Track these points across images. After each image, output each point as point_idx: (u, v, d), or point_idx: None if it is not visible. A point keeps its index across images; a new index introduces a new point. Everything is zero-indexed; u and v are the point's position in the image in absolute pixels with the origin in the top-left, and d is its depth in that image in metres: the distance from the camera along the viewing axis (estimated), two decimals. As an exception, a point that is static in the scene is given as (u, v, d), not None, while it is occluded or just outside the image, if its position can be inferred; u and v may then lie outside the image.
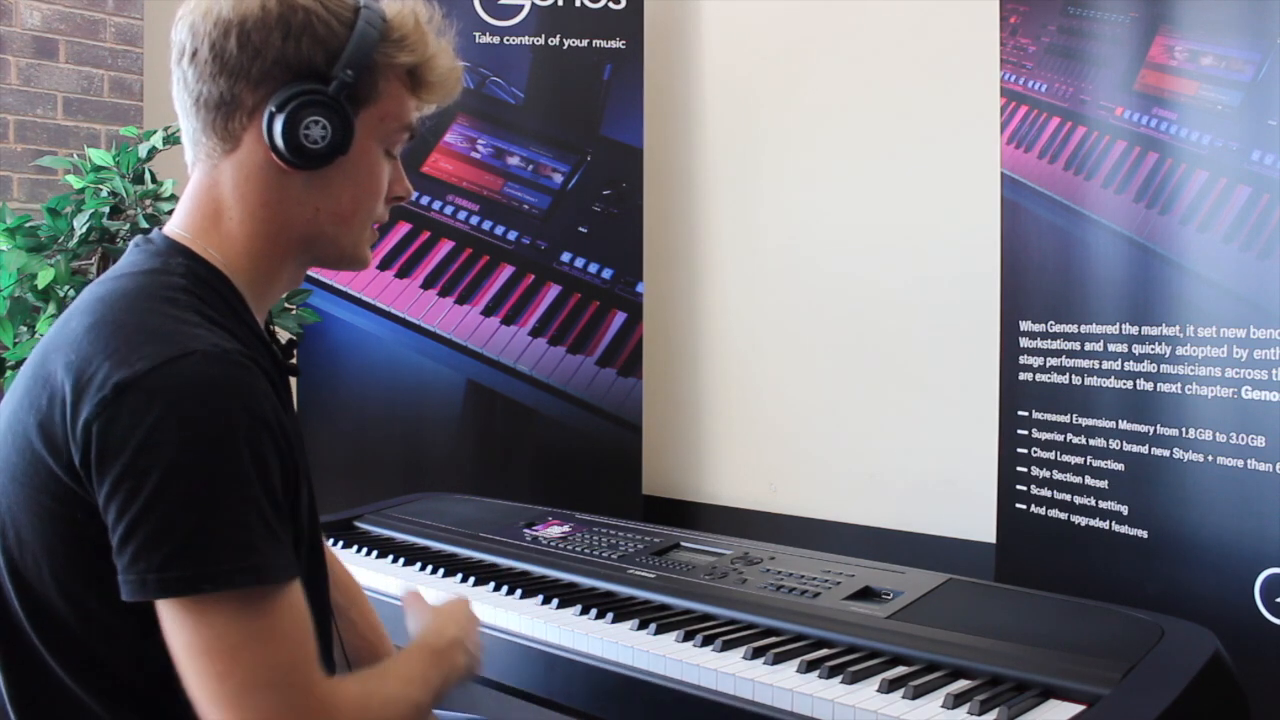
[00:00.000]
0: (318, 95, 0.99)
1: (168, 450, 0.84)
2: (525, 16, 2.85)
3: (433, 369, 2.76)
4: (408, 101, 1.07)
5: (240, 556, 0.85)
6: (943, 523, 2.41)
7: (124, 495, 0.85)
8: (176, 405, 0.85)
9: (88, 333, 0.91)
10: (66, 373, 0.89)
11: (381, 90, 1.04)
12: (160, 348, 0.87)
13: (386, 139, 1.06)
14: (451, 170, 2.82)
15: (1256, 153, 1.63)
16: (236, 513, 0.86)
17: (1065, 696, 1.16)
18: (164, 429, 0.84)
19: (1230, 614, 1.60)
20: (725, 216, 2.92)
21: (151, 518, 0.84)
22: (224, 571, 0.84)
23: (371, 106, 1.03)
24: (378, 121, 1.04)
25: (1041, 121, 2.00)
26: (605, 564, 1.67)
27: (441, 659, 1.14)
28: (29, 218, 2.37)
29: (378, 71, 1.03)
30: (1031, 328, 2.01)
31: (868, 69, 2.62)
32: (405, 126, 1.07)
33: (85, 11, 3.21)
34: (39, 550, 0.92)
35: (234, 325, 0.98)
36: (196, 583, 0.84)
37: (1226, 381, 1.65)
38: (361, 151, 1.04)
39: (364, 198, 1.06)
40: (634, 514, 2.68)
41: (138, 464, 0.84)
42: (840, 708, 1.16)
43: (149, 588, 0.84)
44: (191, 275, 0.99)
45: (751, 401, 2.86)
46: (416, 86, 1.07)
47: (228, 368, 0.88)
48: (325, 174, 1.02)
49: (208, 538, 0.85)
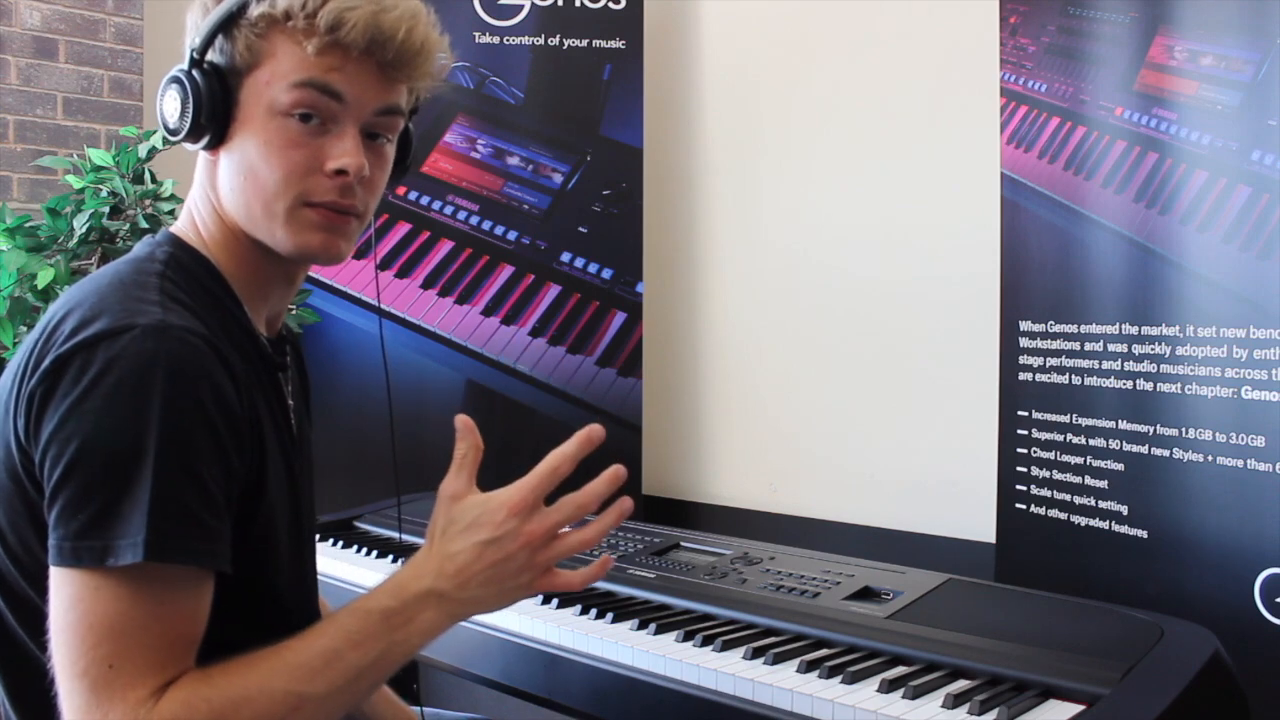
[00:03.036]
0: (177, 73, 0.99)
1: (90, 419, 0.84)
2: (525, 16, 2.85)
3: (432, 369, 2.76)
4: (297, 55, 0.96)
5: (136, 531, 0.83)
6: (943, 523, 2.41)
7: (50, 461, 0.85)
8: (105, 375, 0.85)
9: (55, 310, 0.93)
10: (29, 350, 0.91)
11: (260, 50, 0.97)
12: (106, 320, 0.87)
13: (277, 98, 0.97)
14: (451, 170, 2.82)
15: (1256, 153, 1.63)
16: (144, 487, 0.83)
17: (1065, 696, 1.16)
18: (91, 398, 0.84)
19: (1230, 614, 1.60)
20: (725, 216, 2.92)
21: (70, 486, 0.84)
22: (125, 545, 0.82)
23: (256, 71, 0.97)
24: (264, 86, 0.97)
25: (1041, 121, 2.00)
26: (605, 564, 1.67)
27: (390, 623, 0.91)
28: (29, 218, 2.37)
29: (245, 31, 0.97)
30: (1031, 328, 2.01)
31: (867, 69, 2.62)
32: (302, 83, 0.96)
33: (85, 11, 3.21)
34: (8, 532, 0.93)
35: (208, 311, 0.97)
36: (104, 555, 0.83)
37: (1226, 381, 1.65)
38: (250, 119, 0.98)
39: (261, 169, 0.97)
40: (634, 514, 2.68)
41: (62, 431, 0.85)
42: (840, 708, 1.16)
43: (65, 555, 0.84)
44: (173, 262, 0.99)
45: (751, 401, 2.86)
46: (305, 35, 0.95)
47: (165, 342, 0.87)
48: (232, 152, 0.99)
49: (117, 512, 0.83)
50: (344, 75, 0.97)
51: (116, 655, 0.83)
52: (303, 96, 0.96)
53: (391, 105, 1.01)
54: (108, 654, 0.83)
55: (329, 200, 0.98)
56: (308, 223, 0.99)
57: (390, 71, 0.99)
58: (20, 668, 0.95)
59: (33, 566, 0.91)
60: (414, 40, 0.98)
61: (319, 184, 0.98)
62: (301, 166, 0.97)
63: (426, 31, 1.00)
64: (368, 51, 0.97)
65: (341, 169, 0.97)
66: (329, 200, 0.98)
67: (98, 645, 0.83)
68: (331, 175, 0.98)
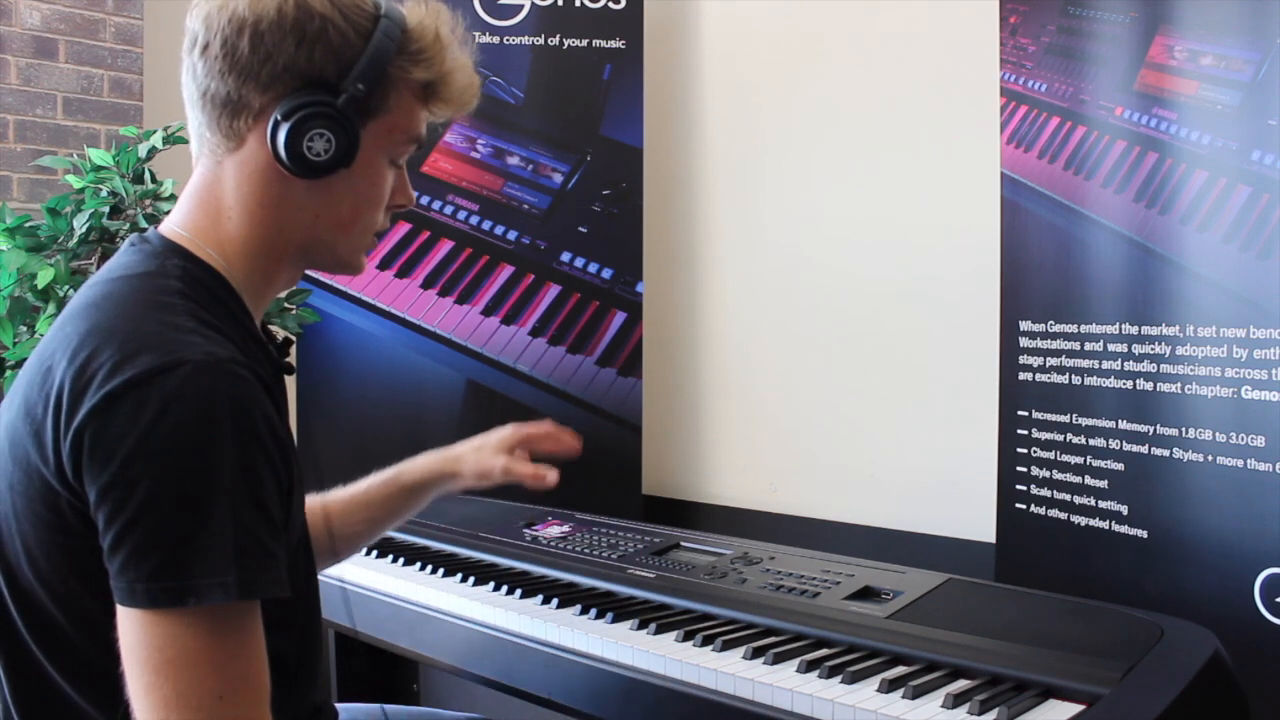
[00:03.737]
0: (325, 108, 0.97)
1: (156, 460, 0.84)
2: (525, 16, 2.85)
3: (432, 369, 2.76)
4: (419, 114, 1.05)
5: (224, 571, 0.84)
6: (943, 523, 2.41)
7: (113, 503, 0.84)
8: (166, 415, 0.84)
9: (82, 339, 0.90)
10: (61, 379, 0.89)
11: (393, 103, 1.02)
12: (152, 356, 0.86)
13: (393, 150, 1.04)
14: (451, 170, 2.82)
15: (1256, 153, 1.63)
16: (224, 526, 0.84)
17: (1065, 696, 1.16)
18: (153, 439, 0.84)
19: (1230, 614, 1.60)
20: (725, 216, 2.92)
21: (139, 528, 0.84)
22: (210, 585, 0.83)
23: (381, 118, 1.02)
24: (385, 133, 1.03)
25: (1041, 121, 2.00)
26: (605, 564, 1.67)
27: None
28: (29, 218, 2.37)
29: (390, 84, 1.01)
30: (1031, 327, 2.01)
31: (867, 69, 2.62)
32: (414, 139, 1.05)
33: (85, 11, 3.21)
34: (35, 557, 0.92)
35: (230, 329, 0.97)
36: (182, 595, 0.83)
37: (1226, 381, 1.65)
38: (366, 162, 1.02)
39: (365, 207, 1.05)
40: (634, 514, 2.68)
41: (127, 473, 0.84)
42: (840, 707, 1.16)
43: (138, 597, 0.84)
44: (188, 277, 0.98)
45: (751, 401, 2.86)
46: (430, 99, 1.05)
47: (219, 378, 0.87)
48: (327, 181, 1.01)
49: (194, 551, 0.83)
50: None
51: (224, 688, 0.85)
52: (413, 149, 1.06)
53: None
54: (213, 688, 0.84)
55: (385, 228, 1.10)
56: (371, 246, 1.10)
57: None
58: (35, 690, 0.95)
59: (63, 593, 0.91)
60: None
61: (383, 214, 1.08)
62: (385, 202, 1.08)
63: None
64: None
65: (404, 206, 1.09)
66: (385, 228, 1.10)
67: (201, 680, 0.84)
68: (392, 208, 1.09)
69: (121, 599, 0.85)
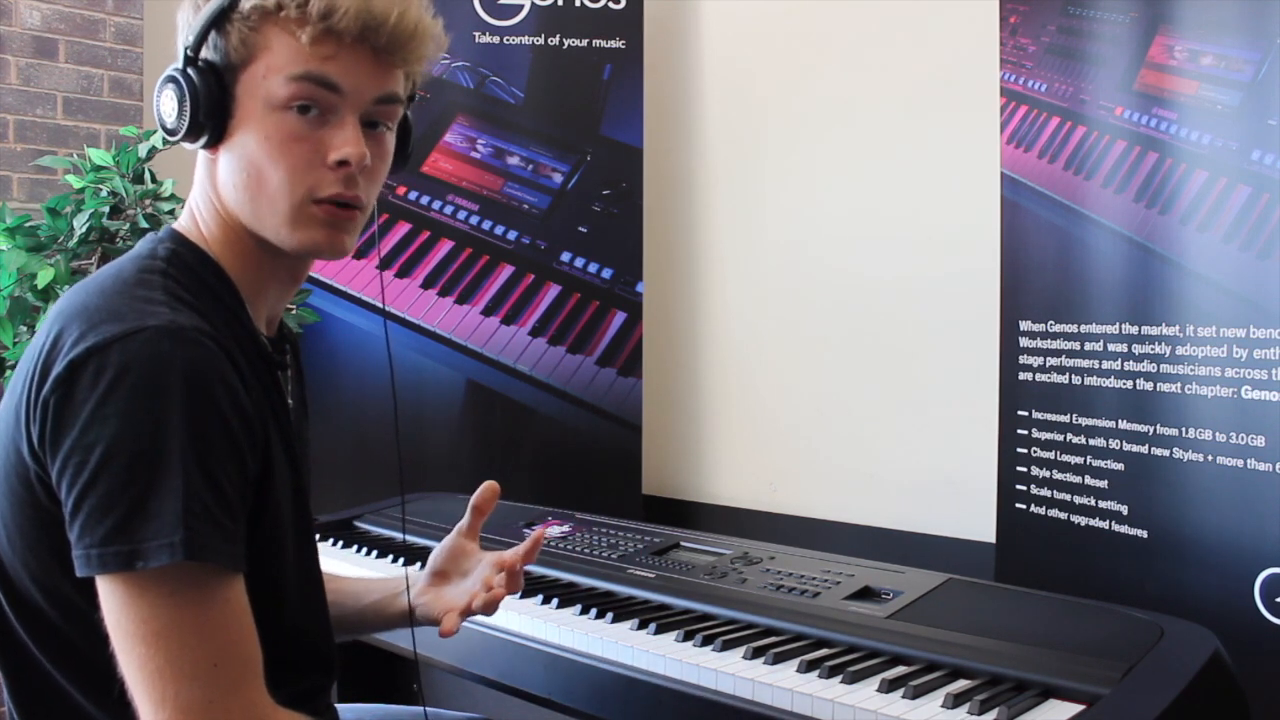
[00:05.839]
0: (172, 72, 0.98)
1: (111, 424, 0.84)
2: (525, 16, 2.85)
3: (432, 369, 2.76)
4: (292, 47, 0.95)
5: (171, 532, 0.83)
6: (943, 523, 2.41)
7: (72, 469, 0.85)
8: (122, 379, 0.84)
9: (59, 316, 0.92)
10: (36, 354, 0.90)
11: (254, 44, 0.96)
12: (117, 325, 0.87)
13: (272, 93, 0.96)
14: (451, 170, 2.82)
15: (1256, 153, 1.63)
16: (174, 485, 0.83)
17: (1065, 696, 1.16)
18: (110, 403, 0.84)
19: (1230, 614, 1.60)
20: (725, 216, 2.92)
21: (94, 492, 0.84)
22: (157, 547, 0.82)
23: (251, 66, 0.96)
24: (261, 79, 0.96)
25: (1041, 121, 2.00)
26: (605, 564, 1.67)
27: None
28: (29, 217, 2.37)
29: (238, 26, 0.96)
30: (1031, 327, 2.01)
31: (867, 69, 2.62)
32: (299, 76, 0.95)
33: (85, 11, 3.21)
34: (13, 537, 0.92)
35: (211, 309, 0.96)
36: (131, 559, 0.82)
37: (1226, 381, 1.65)
38: (248, 115, 0.97)
39: (264, 165, 0.97)
40: (634, 514, 2.68)
41: (84, 438, 0.84)
42: (840, 707, 1.16)
43: (92, 563, 0.84)
44: (175, 259, 0.98)
45: (752, 401, 2.86)
46: (298, 25, 0.94)
47: (178, 343, 0.86)
48: (232, 149, 0.98)
49: (145, 514, 0.83)
50: (339, 64, 0.96)
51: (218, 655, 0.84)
52: (300, 89, 0.95)
53: (389, 93, 1.00)
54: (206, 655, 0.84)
55: (333, 194, 0.98)
56: (313, 219, 0.98)
57: (385, 57, 0.98)
58: (26, 673, 0.95)
59: (42, 574, 0.91)
60: (406, 24, 0.97)
61: (323, 178, 0.97)
62: (304, 160, 0.97)
63: (419, 15, 0.99)
64: (361, 38, 0.96)
65: (344, 159, 0.96)
66: (333, 194, 0.98)
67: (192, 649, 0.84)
68: (334, 167, 0.97)
69: (80, 567, 0.85)
